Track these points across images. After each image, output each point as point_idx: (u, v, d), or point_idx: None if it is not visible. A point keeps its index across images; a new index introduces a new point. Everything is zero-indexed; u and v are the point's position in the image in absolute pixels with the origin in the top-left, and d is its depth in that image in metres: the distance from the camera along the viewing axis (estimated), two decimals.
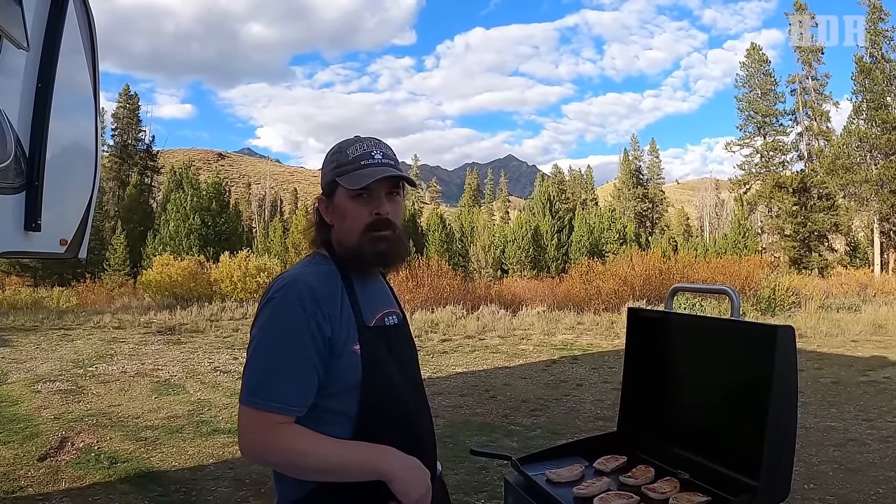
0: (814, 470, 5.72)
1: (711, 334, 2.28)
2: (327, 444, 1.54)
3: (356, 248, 1.70)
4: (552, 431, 7.09)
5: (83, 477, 5.54)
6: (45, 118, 3.24)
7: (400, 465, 1.58)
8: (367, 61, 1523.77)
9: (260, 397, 1.51)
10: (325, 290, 1.62)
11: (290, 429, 1.52)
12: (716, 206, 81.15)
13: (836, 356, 12.21)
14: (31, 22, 3.18)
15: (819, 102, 50.61)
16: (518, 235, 50.60)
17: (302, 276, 1.64)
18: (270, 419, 1.50)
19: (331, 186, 1.73)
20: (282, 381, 1.52)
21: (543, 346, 14.18)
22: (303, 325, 1.54)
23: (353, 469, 1.54)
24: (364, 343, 1.63)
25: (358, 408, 1.60)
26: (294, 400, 1.52)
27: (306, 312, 1.54)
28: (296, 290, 1.57)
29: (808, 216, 48.00)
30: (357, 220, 1.69)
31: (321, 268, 1.70)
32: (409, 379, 1.79)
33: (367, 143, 1.75)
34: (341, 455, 1.53)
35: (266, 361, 1.55)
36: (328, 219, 1.75)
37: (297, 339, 1.53)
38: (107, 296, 28.77)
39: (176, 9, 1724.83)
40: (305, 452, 1.51)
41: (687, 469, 2.11)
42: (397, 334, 1.81)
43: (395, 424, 1.66)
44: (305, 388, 1.54)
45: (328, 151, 1.79)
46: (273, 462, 1.57)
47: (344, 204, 1.70)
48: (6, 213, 3.04)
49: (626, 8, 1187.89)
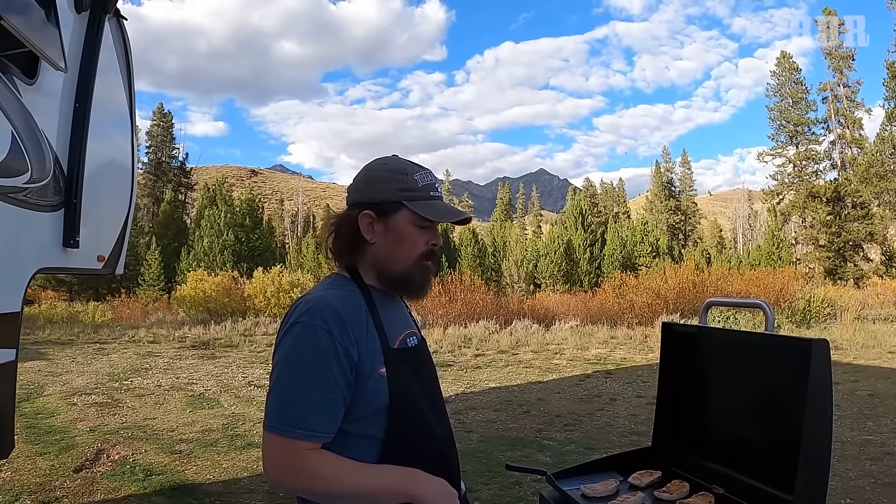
0: (850, 484, 5.63)
1: (745, 349, 2.27)
2: (356, 470, 1.53)
3: (406, 274, 1.71)
4: (586, 446, 7.04)
5: (118, 489, 5.60)
6: (83, 137, 3.30)
7: (429, 488, 1.56)
8: (398, 77, 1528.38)
9: (287, 424, 1.48)
10: (350, 312, 1.59)
11: (317, 455, 1.51)
12: (749, 217, 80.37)
13: (872, 368, 12.03)
14: (68, 43, 3.25)
15: (851, 110, 49.82)
16: (550, 249, 50.46)
17: (326, 298, 1.61)
18: (297, 446, 1.48)
19: (392, 206, 1.69)
20: (308, 408, 1.49)
21: (577, 360, 14.10)
22: (329, 350, 1.51)
23: (384, 493, 1.52)
24: (390, 366, 1.61)
25: (385, 431, 1.58)
26: (321, 427, 1.50)
27: (332, 337, 1.52)
28: (321, 314, 1.54)
29: (843, 226, 47.25)
30: (414, 247, 1.70)
31: (344, 290, 1.67)
32: (432, 400, 1.78)
33: (428, 172, 1.75)
34: (371, 480, 1.53)
35: (292, 388, 1.51)
36: (368, 235, 1.70)
37: (323, 364, 1.51)
38: (141, 310, 29.09)
39: (208, 28, 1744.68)
40: (334, 479, 1.50)
41: (722, 484, 2.10)
42: (418, 355, 1.80)
43: (421, 446, 1.64)
44: (332, 415, 1.52)
45: (377, 167, 1.76)
46: (301, 489, 1.57)
47: (405, 228, 1.69)
48: (45, 229, 3.10)
49: (655, 19, 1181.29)
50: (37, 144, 2.93)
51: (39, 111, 2.98)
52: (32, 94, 2.94)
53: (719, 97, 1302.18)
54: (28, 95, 2.89)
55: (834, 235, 47.40)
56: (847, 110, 49.80)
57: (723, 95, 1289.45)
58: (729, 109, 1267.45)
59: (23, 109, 2.83)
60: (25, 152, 2.81)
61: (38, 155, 2.94)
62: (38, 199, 2.98)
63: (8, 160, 2.66)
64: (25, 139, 2.82)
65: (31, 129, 2.90)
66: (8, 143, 2.67)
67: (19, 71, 2.86)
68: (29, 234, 2.97)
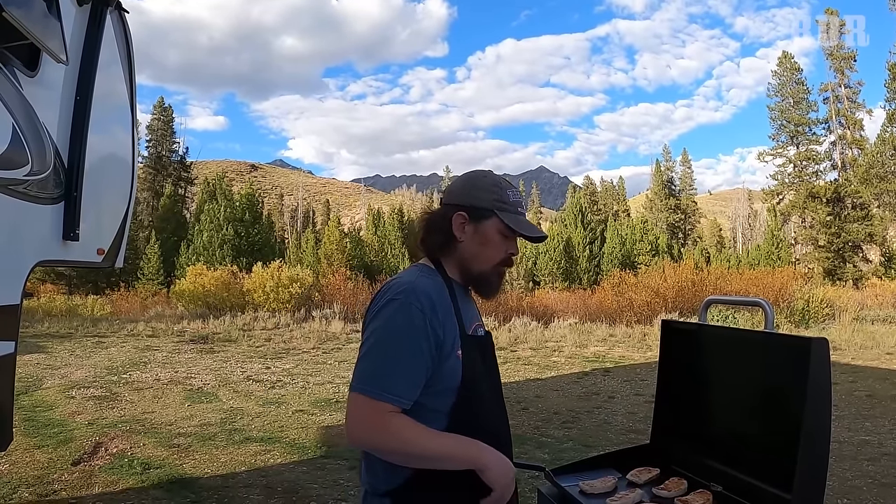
0: (847, 484, 5.64)
1: (745, 347, 2.26)
2: (431, 435, 1.67)
3: (486, 275, 1.91)
4: (584, 444, 7.05)
5: (116, 482, 5.60)
6: (84, 130, 3.31)
7: (493, 457, 1.69)
8: (399, 73, 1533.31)
9: (376, 387, 1.62)
10: (439, 298, 1.76)
11: (399, 418, 1.64)
12: (749, 216, 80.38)
13: (870, 369, 12.04)
14: (69, 36, 3.25)
15: (852, 110, 49.72)
16: (550, 247, 50.32)
17: (420, 283, 1.76)
18: (383, 408, 1.62)
19: (484, 213, 1.87)
20: (398, 375, 1.64)
21: (575, 358, 14.12)
22: (421, 327, 1.67)
23: (453, 458, 1.67)
24: (465, 349, 1.77)
25: (453, 406, 1.73)
26: (407, 393, 1.65)
27: (425, 316, 1.68)
28: (416, 295, 1.70)
29: (843, 226, 47.17)
30: (497, 252, 1.89)
31: (433, 279, 1.83)
32: (495, 385, 1.94)
33: (518, 191, 1.94)
34: (444, 445, 1.67)
35: (385, 355, 1.67)
36: (458, 234, 1.87)
37: (415, 338, 1.66)
38: (140, 304, 29.08)
39: (209, 22, 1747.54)
40: (413, 440, 1.63)
41: (720, 481, 2.10)
42: (486, 345, 1.94)
43: (482, 423, 1.79)
44: (416, 384, 1.67)
45: (477, 177, 1.94)
46: (381, 447, 1.67)
47: (492, 235, 1.87)
48: (45, 222, 3.10)
49: (657, 17, 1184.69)
50: (37, 137, 2.93)
51: (40, 104, 2.97)
52: (33, 86, 2.94)
53: (721, 96, 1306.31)
54: (29, 88, 2.89)
55: (833, 236, 47.34)
56: (848, 111, 49.72)
57: (724, 95, 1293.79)
58: (730, 109, 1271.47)
59: (24, 102, 2.83)
60: (26, 145, 2.81)
61: (39, 147, 2.94)
62: (39, 192, 2.98)
63: (8, 152, 2.66)
64: (26, 131, 2.82)
65: (32, 122, 2.90)
66: (8, 135, 2.67)
67: (20, 63, 2.86)
68: (29, 226, 2.97)
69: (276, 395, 9.62)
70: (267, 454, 6.58)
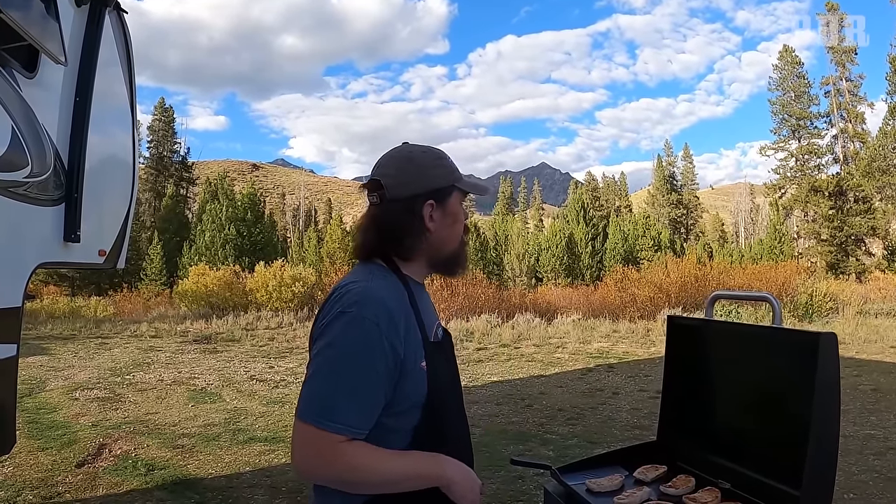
0: (853, 479, 5.61)
1: (752, 342, 2.24)
2: (388, 458, 1.51)
3: (455, 252, 1.77)
4: (588, 440, 7.04)
5: (120, 483, 5.59)
6: (84, 131, 3.29)
7: (457, 471, 1.58)
8: (400, 71, 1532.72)
9: (324, 417, 1.43)
10: (397, 307, 1.56)
11: (351, 446, 1.46)
12: (751, 211, 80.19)
13: (875, 363, 12.02)
14: (68, 37, 3.24)
15: (854, 104, 49.72)
16: (552, 243, 50.35)
17: (375, 290, 1.56)
18: (332, 438, 1.43)
19: (447, 192, 1.71)
20: (349, 403, 1.45)
21: (579, 354, 14.10)
22: (375, 345, 1.47)
23: (415, 479, 1.52)
24: (429, 359, 1.60)
25: (418, 423, 1.57)
26: (360, 423, 1.47)
27: (381, 332, 1.48)
28: (370, 307, 1.50)
29: (845, 220, 47.13)
30: (461, 224, 1.76)
31: (388, 280, 1.64)
32: (458, 390, 1.80)
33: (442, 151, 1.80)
34: (404, 466, 1.51)
35: (335, 380, 1.46)
36: (430, 226, 1.68)
37: (367, 359, 1.47)
38: (143, 305, 29.03)
39: (209, 22, 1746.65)
40: (369, 467, 1.47)
41: (728, 478, 2.08)
42: (448, 345, 1.81)
43: (448, 433, 1.65)
44: (371, 411, 1.49)
45: (421, 157, 1.72)
46: (334, 479, 1.50)
47: (457, 209, 1.74)
48: (46, 224, 3.09)
49: (658, 11, 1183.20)
50: (37, 139, 2.92)
51: (40, 105, 2.96)
52: (33, 87, 2.93)
53: (722, 91, 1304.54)
54: (28, 89, 2.88)
55: (836, 230, 47.31)
56: (849, 104, 49.73)
57: (725, 89, 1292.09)
58: (731, 103, 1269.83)
59: (23, 103, 2.82)
60: (25, 146, 2.80)
61: (39, 149, 2.93)
62: (39, 194, 2.97)
63: (8, 154, 2.65)
64: (26, 133, 2.81)
65: (32, 124, 2.89)
66: (8, 137, 2.66)
67: (19, 65, 2.85)
68: (29, 228, 2.96)
69: (280, 395, 9.60)
70: (271, 454, 6.56)
